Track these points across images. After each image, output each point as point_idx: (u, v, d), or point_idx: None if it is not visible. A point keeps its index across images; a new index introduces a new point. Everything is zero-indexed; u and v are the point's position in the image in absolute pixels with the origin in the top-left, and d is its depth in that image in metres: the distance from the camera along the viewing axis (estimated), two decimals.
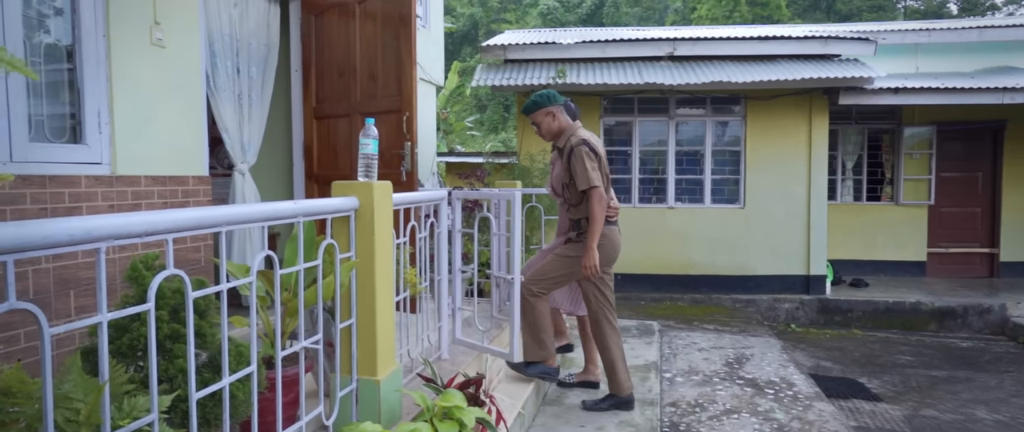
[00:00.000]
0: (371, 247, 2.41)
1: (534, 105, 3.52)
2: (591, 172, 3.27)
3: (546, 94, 3.52)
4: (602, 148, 3.50)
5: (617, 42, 7.98)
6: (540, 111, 3.52)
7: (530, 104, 3.54)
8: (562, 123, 3.52)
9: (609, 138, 8.26)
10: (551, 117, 3.51)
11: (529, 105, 3.55)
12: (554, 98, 3.52)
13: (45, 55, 2.74)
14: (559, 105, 3.51)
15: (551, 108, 3.50)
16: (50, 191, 2.64)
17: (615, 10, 41.40)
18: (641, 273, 8.15)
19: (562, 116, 3.52)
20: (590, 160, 3.30)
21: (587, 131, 3.52)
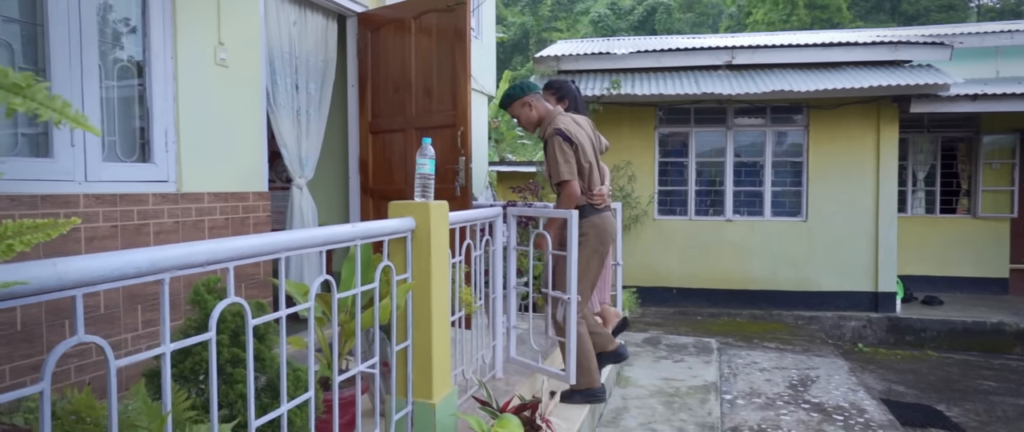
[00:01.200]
0: (427, 268, 2.37)
1: (508, 99, 3.39)
2: (562, 165, 3.13)
3: (519, 85, 3.38)
4: (585, 133, 3.32)
5: (673, 52, 7.82)
6: (515, 103, 3.36)
7: (504, 98, 3.42)
8: (540, 111, 3.35)
9: (664, 149, 8.09)
10: (528, 108, 3.34)
11: (503, 99, 3.42)
12: (527, 88, 3.36)
13: (117, 77, 2.83)
14: (534, 94, 3.35)
15: (525, 98, 3.34)
16: (120, 209, 2.72)
17: (667, 16, 40.85)
18: (697, 287, 7.92)
19: (539, 104, 3.36)
20: (563, 151, 3.13)
21: (567, 117, 3.31)
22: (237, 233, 3.40)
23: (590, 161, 3.27)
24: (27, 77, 0.56)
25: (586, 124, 3.40)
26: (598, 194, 3.39)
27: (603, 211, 3.37)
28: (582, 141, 3.23)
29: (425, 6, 4.17)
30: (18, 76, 0.55)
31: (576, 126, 3.27)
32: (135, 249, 1.23)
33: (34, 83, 0.56)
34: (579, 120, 3.37)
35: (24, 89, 0.55)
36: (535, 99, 3.35)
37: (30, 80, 0.56)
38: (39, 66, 2.51)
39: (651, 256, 7.96)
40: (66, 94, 2.55)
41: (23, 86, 0.55)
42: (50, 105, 0.58)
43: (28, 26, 2.48)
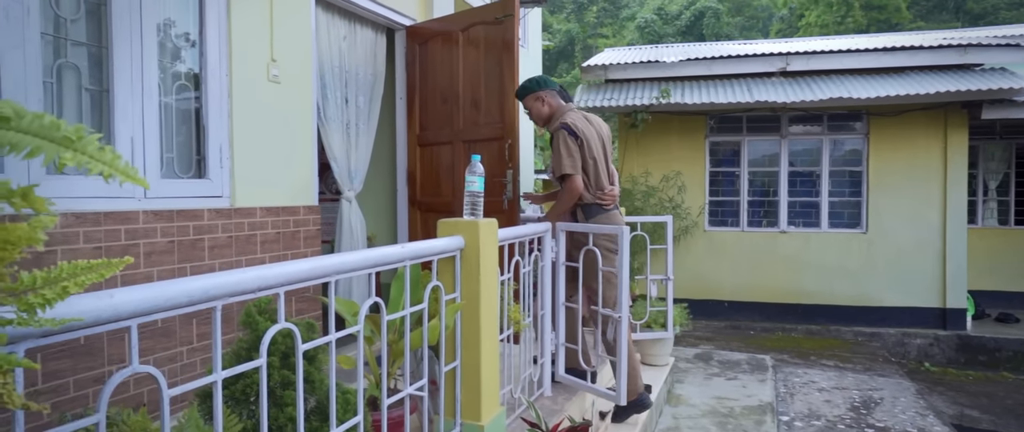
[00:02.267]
0: (476, 288, 2.34)
1: (524, 90, 3.41)
2: (565, 158, 3.14)
3: (537, 79, 3.39)
4: (594, 131, 3.28)
5: (724, 59, 7.62)
6: (529, 96, 3.39)
7: (520, 90, 3.44)
8: (552, 107, 3.37)
9: (715, 158, 7.89)
10: (540, 102, 3.38)
11: (519, 90, 3.45)
12: (544, 83, 3.38)
13: (175, 94, 2.90)
14: (550, 90, 3.37)
15: (540, 93, 3.37)
16: (177, 224, 2.78)
17: (716, 21, 40.13)
18: (750, 301, 7.67)
19: (553, 100, 3.37)
20: (568, 145, 3.15)
21: (578, 114, 3.30)
22: (288, 247, 3.44)
23: (595, 157, 3.23)
24: (78, 129, 0.54)
25: (597, 123, 3.36)
26: (608, 193, 3.34)
27: (611, 210, 3.33)
28: (589, 137, 3.20)
29: (473, 19, 4.16)
30: (70, 129, 0.53)
31: (585, 123, 3.25)
32: (188, 277, 1.23)
33: (85, 136, 0.54)
34: (591, 118, 3.34)
35: (75, 142, 0.53)
36: (549, 95, 3.37)
37: (81, 133, 0.54)
38: (103, 86, 2.58)
39: (702, 268, 7.76)
40: (127, 112, 2.62)
41: (74, 140, 0.53)
42: (101, 158, 0.56)
43: (94, 48, 2.56)
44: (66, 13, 2.46)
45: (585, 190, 3.22)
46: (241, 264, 3.11)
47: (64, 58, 2.45)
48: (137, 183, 0.61)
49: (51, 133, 0.51)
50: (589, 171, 3.23)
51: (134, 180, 0.60)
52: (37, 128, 0.51)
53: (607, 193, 3.33)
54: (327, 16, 4.07)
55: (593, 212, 3.28)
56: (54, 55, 2.42)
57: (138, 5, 2.66)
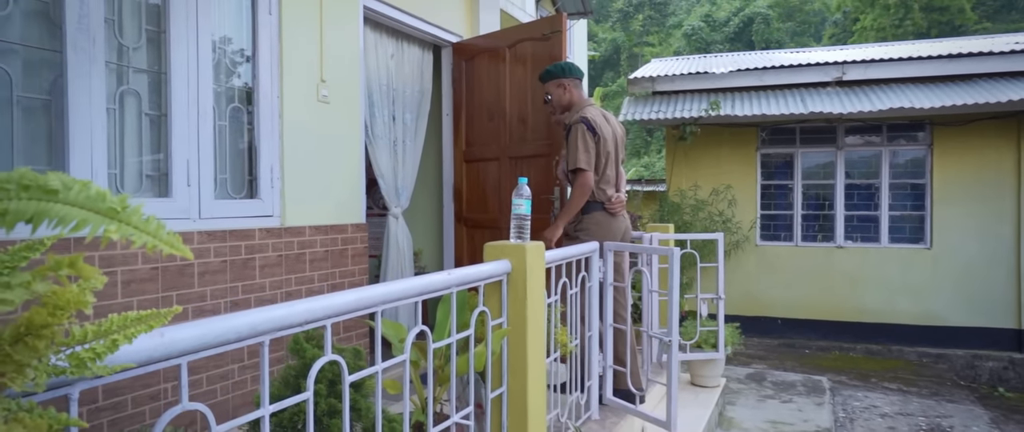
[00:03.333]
0: (523, 313, 2.29)
1: (548, 74, 3.35)
2: (581, 153, 3.07)
3: (564, 65, 3.32)
4: (611, 129, 3.23)
5: (776, 69, 7.40)
6: (552, 82, 3.34)
7: (544, 73, 3.37)
8: (573, 97, 3.31)
9: (767, 171, 7.66)
10: (562, 89, 3.31)
11: (543, 74, 3.38)
12: (569, 70, 3.30)
13: (229, 117, 2.97)
14: (574, 79, 3.30)
15: (563, 80, 3.30)
16: (230, 244, 2.83)
17: (765, 26, 39.25)
18: (804, 318, 7.40)
19: (575, 91, 3.31)
20: (585, 140, 3.08)
21: (597, 109, 3.23)
22: (336, 264, 3.47)
23: (608, 154, 3.19)
24: (122, 200, 0.53)
25: (614, 121, 3.32)
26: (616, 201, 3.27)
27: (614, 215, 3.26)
28: (605, 136, 3.16)
29: (520, 35, 4.15)
30: (114, 200, 0.52)
31: (603, 120, 3.21)
32: (236, 314, 1.23)
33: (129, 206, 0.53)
34: (608, 116, 3.30)
35: (120, 214, 0.52)
36: (573, 84, 3.31)
37: (125, 203, 0.53)
38: (162, 111, 2.66)
39: (753, 284, 7.52)
40: (184, 136, 2.69)
41: (119, 210, 0.52)
42: (145, 229, 0.55)
43: (154, 74, 2.64)
44: (129, 42, 2.55)
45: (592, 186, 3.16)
46: (290, 282, 3.16)
47: (126, 85, 2.54)
48: (181, 253, 0.59)
49: (96, 204, 0.50)
50: (599, 168, 3.17)
51: (179, 250, 0.58)
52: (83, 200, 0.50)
53: (614, 201, 3.26)
54: (375, 35, 4.13)
55: (591, 208, 3.21)
56: (117, 82, 2.51)
57: (195, 34, 2.74)
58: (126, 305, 2.39)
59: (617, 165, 3.28)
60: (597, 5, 44.52)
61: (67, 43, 2.29)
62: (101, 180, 2.37)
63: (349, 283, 3.56)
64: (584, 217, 3.23)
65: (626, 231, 3.35)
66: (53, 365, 0.75)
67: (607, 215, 3.22)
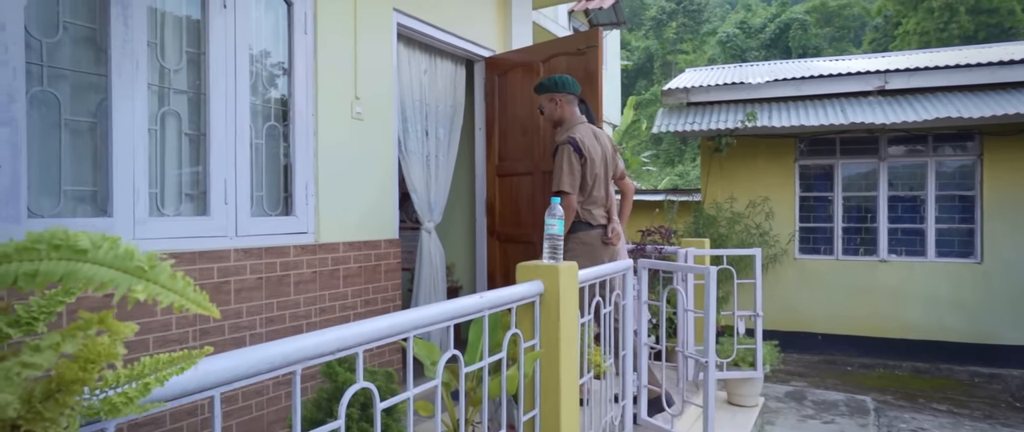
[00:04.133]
0: (556, 335, 2.26)
1: (542, 87, 3.34)
2: (565, 175, 3.06)
3: (557, 79, 3.28)
4: (600, 149, 3.20)
5: (815, 79, 7.22)
6: (545, 95, 3.32)
7: (539, 85, 3.36)
8: (564, 113, 3.28)
9: (806, 182, 7.47)
10: (554, 104, 3.29)
11: (538, 85, 3.37)
12: (562, 86, 3.26)
13: (265, 136, 3.01)
14: (567, 95, 3.27)
15: (555, 95, 3.28)
16: (265, 261, 2.87)
17: (803, 32, 38.53)
18: (846, 334, 7.17)
19: (567, 107, 3.28)
20: (571, 162, 3.07)
21: (588, 128, 3.20)
22: (369, 280, 3.49)
23: (596, 175, 3.18)
24: (151, 258, 0.52)
25: (605, 140, 3.30)
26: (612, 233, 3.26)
27: (598, 228, 3.23)
28: (594, 157, 3.14)
29: (554, 49, 4.13)
30: (142, 258, 0.51)
31: (593, 140, 3.18)
32: (268, 344, 1.22)
33: (157, 264, 0.52)
34: (599, 135, 3.27)
35: (148, 272, 0.51)
36: (565, 99, 3.28)
37: (154, 261, 0.52)
38: (201, 131, 2.71)
39: (792, 298, 7.33)
40: (221, 155, 2.74)
41: (147, 269, 0.51)
42: (172, 287, 0.54)
43: (193, 95, 2.70)
44: (170, 64, 2.61)
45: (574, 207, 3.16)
46: (324, 299, 3.18)
47: (167, 106, 2.59)
48: (208, 312, 0.58)
49: (124, 263, 0.50)
50: (585, 189, 3.16)
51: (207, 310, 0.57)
52: (111, 259, 0.49)
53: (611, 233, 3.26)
54: (408, 51, 4.16)
55: (577, 228, 3.20)
56: (159, 103, 2.57)
57: (233, 54, 2.79)
58: (165, 323, 2.43)
59: (606, 185, 3.25)
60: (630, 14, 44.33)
61: (112, 67, 2.35)
62: (143, 200, 2.42)
63: (382, 298, 3.58)
64: (569, 237, 3.20)
65: (615, 252, 3.33)
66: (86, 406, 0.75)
67: (590, 231, 3.21)
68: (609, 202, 3.30)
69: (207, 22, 2.71)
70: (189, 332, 2.52)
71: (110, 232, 1.94)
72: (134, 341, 2.30)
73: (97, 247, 0.49)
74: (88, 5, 2.34)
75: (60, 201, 2.25)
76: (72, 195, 2.29)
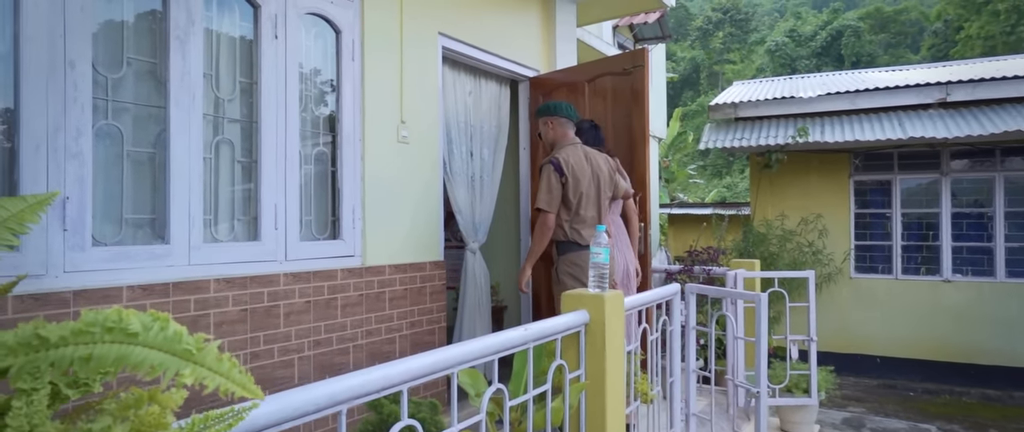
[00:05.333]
0: (602, 365, 2.22)
1: (539, 112, 3.49)
2: (543, 193, 3.18)
3: (551, 105, 3.42)
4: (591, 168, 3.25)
5: (870, 92, 6.97)
6: (541, 118, 3.46)
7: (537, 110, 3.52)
8: (556, 135, 3.38)
9: (861, 199, 7.19)
10: (548, 127, 3.42)
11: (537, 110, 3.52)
12: (556, 110, 3.38)
13: (314, 161, 3.08)
14: (561, 118, 3.38)
15: (548, 118, 3.41)
16: (313, 285, 2.92)
17: (856, 39, 37.38)
18: (907, 357, 6.84)
19: (560, 129, 3.37)
20: (549, 181, 3.17)
21: (578, 150, 3.29)
22: (414, 302, 3.51)
23: (583, 193, 3.21)
24: (198, 341, 0.53)
25: (600, 161, 3.32)
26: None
27: (586, 249, 3.17)
28: (580, 175, 3.20)
29: (600, 69, 4.11)
30: (190, 341, 0.52)
31: (580, 160, 3.24)
32: (314, 385, 1.23)
33: (204, 347, 0.53)
34: (591, 156, 3.30)
35: (195, 355, 0.51)
36: (558, 123, 3.38)
37: (201, 344, 0.53)
38: (252, 158, 2.79)
39: (848, 319, 7.05)
40: (272, 179, 2.81)
41: (194, 352, 0.52)
42: (218, 370, 0.55)
43: (246, 124, 2.78)
44: (224, 94, 2.69)
45: (563, 226, 3.20)
46: (370, 321, 3.21)
47: (221, 135, 2.68)
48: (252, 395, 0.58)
49: (173, 346, 0.50)
50: (569, 207, 3.19)
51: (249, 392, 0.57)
52: (161, 341, 0.50)
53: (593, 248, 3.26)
54: (453, 74, 4.20)
55: (566, 249, 3.23)
56: (213, 132, 2.65)
57: (284, 82, 2.86)
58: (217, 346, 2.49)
59: (599, 204, 3.26)
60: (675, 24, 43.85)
61: (170, 99, 2.44)
62: (197, 226, 2.50)
63: (427, 320, 3.59)
64: (561, 258, 3.25)
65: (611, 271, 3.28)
66: None
67: (580, 252, 3.21)
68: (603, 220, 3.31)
69: (259, 52, 2.79)
70: (240, 355, 2.58)
71: (167, 258, 1.99)
72: None
73: (147, 329, 0.50)
74: (150, 41, 2.44)
75: (122, 228, 2.34)
76: (133, 223, 2.38)
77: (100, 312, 0.51)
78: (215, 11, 2.67)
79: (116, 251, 2.25)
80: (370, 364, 3.12)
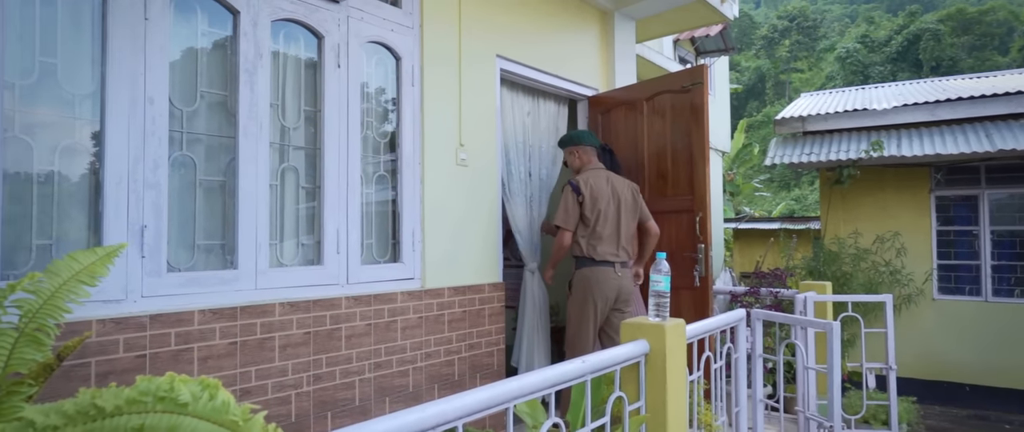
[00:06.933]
0: (663, 397, 2.15)
1: (562, 142, 3.81)
2: (561, 212, 3.49)
3: (574, 135, 3.72)
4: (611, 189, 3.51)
5: (952, 102, 6.56)
6: (566, 149, 3.77)
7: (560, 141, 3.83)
8: (582, 161, 3.67)
9: (944, 215, 6.76)
10: (573, 155, 3.71)
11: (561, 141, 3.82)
12: (579, 139, 3.69)
13: (375, 185, 3.14)
14: (585, 146, 3.67)
15: (573, 148, 3.71)
16: (374, 308, 2.96)
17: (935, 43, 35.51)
18: (1001, 386, 6.35)
19: (584, 156, 3.66)
20: (567, 201, 3.48)
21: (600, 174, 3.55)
22: (473, 324, 3.51)
23: (601, 212, 3.45)
24: (244, 411, 0.53)
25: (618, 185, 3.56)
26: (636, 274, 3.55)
27: (601, 265, 3.44)
28: (598, 195, 3.46)
29: (658, 87, 4.04)
30: (237, 411, 0.52)
31: (600, 182, 3.50)
32: (365, 423, 1.23)
33: (250, 417, 0.53)
34: (613, 180, 3.55)
35: (241, 426, 0.52)
36: (582, 150, 3.68)
37: (247, 414, 0.53)
38: (316, 183, 2.87)
39: (931, 343, 6.61)
40: (334, 204, 2.88)
41: (240, 423, 0.52)
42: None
43: (310, 151, 2.86)
44: (289, 122, 2.79)
45: (580, 242, 3.47)
46: (429, 343, 3.24)
47: (287, 162, 2.77)
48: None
49: (221, 416, 0.51)
50: (588, 224, 3.45)
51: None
52: (209, 411, 0.50)
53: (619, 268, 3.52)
54: (511, 95, 4.21)
55: (580, 264, 3.51)
56: (279, 160, 2.75)
57: (346, 111, 2.94)
58: (281, 369, 2.56)
59: (618, 222, 3.49)
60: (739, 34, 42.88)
61: (240, 129, 2.55)
62: (264, 251, 2.58)
63: (486, 343, 3.59)
64: (576, 272, 3.52)
65: (621, 289, 3.49)
66: None
67: (593, 266, 3.46)
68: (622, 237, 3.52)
69: (322, 81, 2.88)
70: (303, 378, 2.64)
71: (236, 283, 2.06)
72: (254, 387, 2.44)
73: (197, 399, 0.50)
74: (221, 74, 2.56)
75: (194, 254, 2.44)
76: (204, 249, 2.48)
77: (153, 380, 0.52)
78: (281, 43, 2.78)
79: (189, 276, 2.35)
80: (429, 386, 3.15)
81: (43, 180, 2.09)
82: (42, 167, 2.08)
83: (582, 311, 3.48)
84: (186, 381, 0.53)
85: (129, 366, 2.10)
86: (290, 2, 2.75)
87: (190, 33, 2.49)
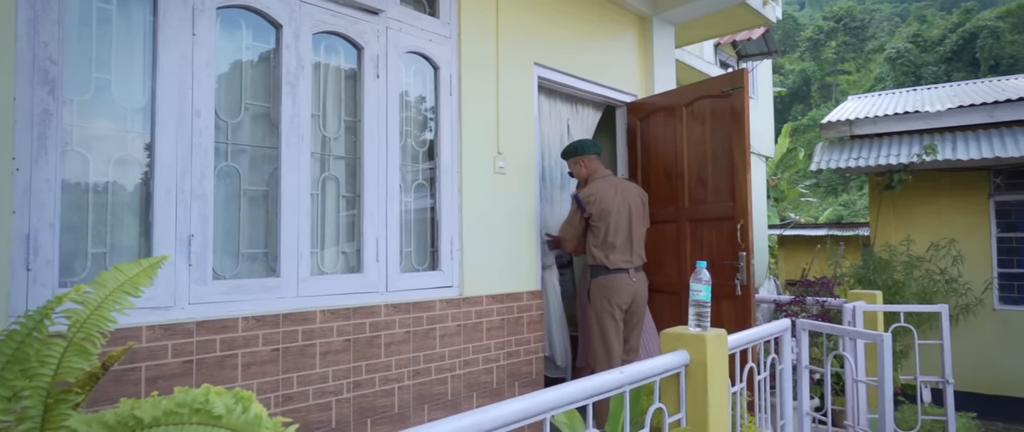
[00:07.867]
0: (704, 409, 2.10)
1: (565, 154, 3.80)
2: (565, 224, 3.66)
3: (576, 145, 3.73)
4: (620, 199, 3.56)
5: (1013, 103, 6.26)
6: (569, 159, 3.78)
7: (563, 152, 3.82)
8: (588, 171, 3.71)
9: (1005, 221, 6.45)
10: (579, 165, 3.74)
11: (563, 152, 3.82)
12: (582, 149, 3.71)
13: (414, 193, 3.17)
14: (589, 155, 3.71)
15: (577, 158, 3.74)
16: (413, 316, 2.99)
17: (994, 41, 34.08)
18: None
19: (591, 165, 3.70)
20: (572, 212, 3.62)
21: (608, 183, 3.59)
22: (512, 332, 3.51)
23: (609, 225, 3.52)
24: (276, 424, 0.53)
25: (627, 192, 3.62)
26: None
27: (615, 272, 3.50)
28: (606, 208, 3.52)
29: (698, 92, 3.98)
30: (269, 423, 0.53)
31: (609, 192, 3.55)
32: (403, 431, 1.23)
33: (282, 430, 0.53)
34: (622, 187, 3.61)
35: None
36: (588, 160, 3.71)
37: (279, 427, 0.53)
38: (355, 192, 2.91)
39: (992, 356, 6.31)
40: (374, 212, 2.92)
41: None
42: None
43: (350, 160, 2.91)
44: (330, 133, 2.84)
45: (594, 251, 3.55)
46: (467, 351, 3.24)
47: (327, 171, 2.82)
48: None
49: (253, 428, 0.51)
50: (599, 235, 3.53)
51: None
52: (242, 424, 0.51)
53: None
54: (549, 102, 4.21)
55: (595, 272, 3.57)
56: (320, 169, 2.80)
57: (385, 121, 2.98)
58: (322, 375, 2.60)
59: (630, 230, 3.56)
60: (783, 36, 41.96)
61: (282, 140, 2.61)
62: (305, 260, 2.63)
63: (524, 350, 3.58)
64: (593, 281, 3.57)
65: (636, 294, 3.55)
66: None
67: (608, 274, 3.52)
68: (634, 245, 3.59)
69: (362, 91, 2.93)
70: (343, 384, 2.68)
71: (278, 290, 2.10)
72: (295, 393, 2.49)
73: (230, 411, 0.51)
74: (265, 87, 2.63)
75: (238, 263, 2.50)
76: (248, 257, 2.54)
77: (190, 392, 0.53)
78: (322, 55, 2.84)
79: (233, 284, 2.41)
80: (467, 394, 3.15)
81: (99, 191, 2.17)
82: (98, 178, 2.17)
83: (603, 318, 3.51)
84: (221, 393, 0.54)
85: (177, 371, 2.17)
86: (331, 15, 2.81)
87: (235, 47, 2.56)
